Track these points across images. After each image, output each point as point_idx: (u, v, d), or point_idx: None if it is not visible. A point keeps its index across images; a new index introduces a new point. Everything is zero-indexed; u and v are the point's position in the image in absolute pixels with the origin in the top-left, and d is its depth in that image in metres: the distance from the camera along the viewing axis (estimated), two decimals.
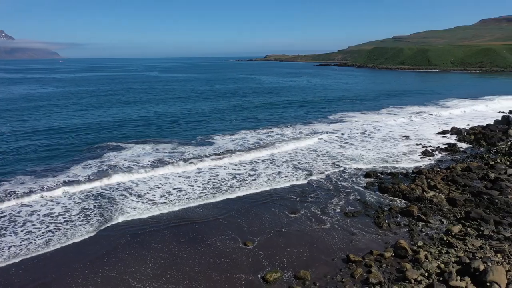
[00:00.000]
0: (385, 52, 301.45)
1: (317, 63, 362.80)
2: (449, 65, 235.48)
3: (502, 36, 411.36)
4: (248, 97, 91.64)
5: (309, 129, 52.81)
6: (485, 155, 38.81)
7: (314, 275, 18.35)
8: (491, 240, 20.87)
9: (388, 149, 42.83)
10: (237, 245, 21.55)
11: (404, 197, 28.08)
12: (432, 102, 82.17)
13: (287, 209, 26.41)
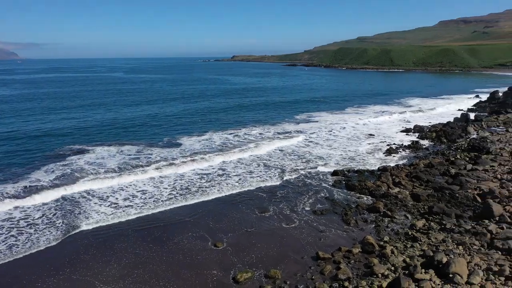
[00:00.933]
0: (350, 53, 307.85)
1: (284, 63, 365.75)
2: (411, 65, 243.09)
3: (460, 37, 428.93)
4: (216, 98, 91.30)
5: (277, 129, 53.18)
6: (446, 152, 40.30)
7: (285, 273, 18.48)
8: (453, 233, 21.67)
9: (354, 147, 43.73)
10: (207, 246, 21.40)
11: (371, 194, 28.74)
12: (395, 101, 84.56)
13: (257, 209, 26.48)
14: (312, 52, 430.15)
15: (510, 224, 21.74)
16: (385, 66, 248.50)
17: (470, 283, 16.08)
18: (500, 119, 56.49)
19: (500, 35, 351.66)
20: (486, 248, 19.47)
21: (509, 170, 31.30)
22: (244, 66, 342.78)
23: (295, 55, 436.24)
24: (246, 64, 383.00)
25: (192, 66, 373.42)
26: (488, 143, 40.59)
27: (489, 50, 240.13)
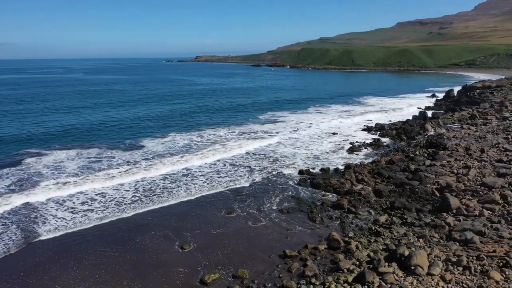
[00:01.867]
0: (313, 53, 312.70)
1: (248, 64, 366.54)
2: (372, 65, 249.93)
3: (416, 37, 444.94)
4: (179, 99, 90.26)
5: (242, 130, 53.25)
6: (406, 148, 41.69)
7: (252, 273, 18.52)
8: (413, 227, 22.44)
9: (318, 146, 44.44)
10: (173, 248, 21.11)
11: (335, 191, 29.29)
12: (356, 101, 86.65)
13: (224, 210, 26.37)
14: (275, 52, 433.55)
15: (466, 216, 22.75)
16: (346, 66, 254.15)
17: (431, 274, 16.70)
18: (455, 117, 58.99)
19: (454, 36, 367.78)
20: (444, 240, 20.28)
21: (464, 165, 32.75)
22: (208, 66, 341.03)
23: (258, 55, 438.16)
24: (210, 65, 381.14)
25: (155, 66, 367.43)
26: (444, 139, 42.30)
27: (443, 50, 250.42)
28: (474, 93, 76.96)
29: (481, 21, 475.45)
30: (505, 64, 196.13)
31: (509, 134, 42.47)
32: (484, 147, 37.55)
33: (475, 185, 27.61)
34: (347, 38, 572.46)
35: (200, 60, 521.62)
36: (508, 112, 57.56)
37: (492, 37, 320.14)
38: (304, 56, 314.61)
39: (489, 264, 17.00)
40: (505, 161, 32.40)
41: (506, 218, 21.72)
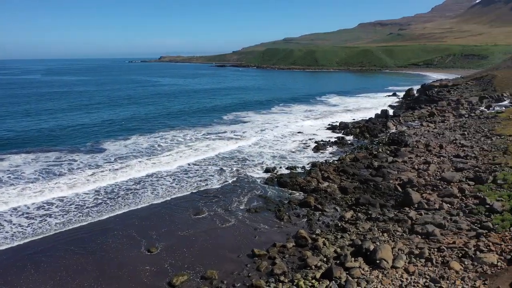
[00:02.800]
0: (277, 53, 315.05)
1: (213, 64, 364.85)
2: (335, 65, 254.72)
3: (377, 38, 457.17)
4: (143, 100, 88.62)
5: (208, 130, 52.97)
6: (369, 146, 42.79)
7: (222, 273, 18.43)
8: (378, 221, 23.05)
9: (284, 146, 44.84)
10: (139, 251, 20.70)
11: (302, 190, 29.64)
12: (321, 100, 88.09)
13: (191, 211, 26.12)
14: (240, 53, 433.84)
15: (427, 210, 23.60)
16: (310, 66, 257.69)
17: (395, 267, 17.21)
18: (415, 114, 61.10)
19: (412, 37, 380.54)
20: (407, 233, 20.95)
21: (424, 160, 33.95)
22: (172, 67, 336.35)
23: (223, 55, 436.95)
24: (174, 65, 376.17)
25: (117, 67, 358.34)
26: (405, 136, 43.69)
27: (403, 51, 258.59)
28: (432, 91, 79.94)
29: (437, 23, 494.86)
30: (460, 64, 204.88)
31: (465, 130, 44.39)
32: (442, 143, 39.08)
33: (435, 180, 28.69)
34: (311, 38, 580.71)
35: (164, 61, 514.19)
36: (464, 110, 60.17)
37: (448, 38, 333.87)
38: (269, 56, 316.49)
39: (449, 255, 17.71)
40: (462, 156, 33.85)
41: (464, 211, 22.70)
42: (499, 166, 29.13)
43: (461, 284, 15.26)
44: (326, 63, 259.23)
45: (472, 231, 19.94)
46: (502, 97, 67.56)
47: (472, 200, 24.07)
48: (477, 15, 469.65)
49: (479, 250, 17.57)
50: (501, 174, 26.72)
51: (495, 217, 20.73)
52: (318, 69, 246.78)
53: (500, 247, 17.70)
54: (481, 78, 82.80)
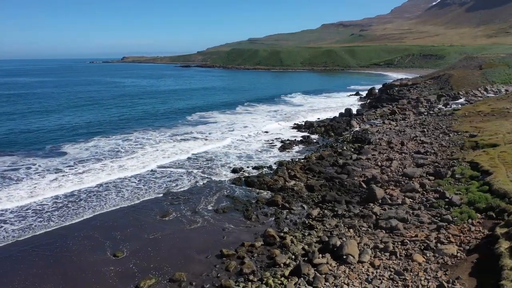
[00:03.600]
0: (242, 54, 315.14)
1: (177, 65, 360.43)
2: (299, 65, 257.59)
3: (340, 39, 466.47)
4: (105, 101, 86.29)
5: (173, 132, 52.32)
6: (334, 144, 43.58)
7: (190, 275, 18.24)
8: (344, 218, 23.51)
9: (250, 145, 44.93)
10: (105, 257, 20.14)
11: (269, 189, 29.79)
12: (286, 99, 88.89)
13: (158, 213, 25.70)
14: (205, 53, 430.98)
15: (391, 205, 24.28)
16: (275, 66, 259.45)
17: (361, 262, 17.61)
18: (377, 113, 62.76)
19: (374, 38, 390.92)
20: (372, 228, 21.49)
21: (387, 157, 34.93)
22: (136, 67, 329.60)
23: (188, 56, 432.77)
24: (138, 66, 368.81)
25: (78, 68, 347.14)
26: (369, 134, 44.81)
27: (365, 51, 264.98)
28: (393, 90, 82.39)
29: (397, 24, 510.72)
30: (419, 63, 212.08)
31: (425, 127, 46.01)
32: (404, 140, 40.33)
33: (397, 176, 29.57)
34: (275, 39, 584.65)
35: (127, 61, 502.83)
36: (423, 108, 62.38)
37: (407, 38, 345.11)
38: (234, 56, 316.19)
39: (412, 248, 18.30)
40: (422, 152, 35.08)
41: (425, 205, 23.52)
42: (456, 161, 30.37)
43: (423, 276, 15.79)
44: (291, 63, 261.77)
45: (433, 224, 20.69)
46: (458, 95, 70.56)
47: (433, 194, 24.97)
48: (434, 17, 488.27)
49: (440, 242, 18.25)
50: (458, 169, 27.87)
51: (454, 210, 21.60)
52: (283, 69, 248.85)
53: (460, 238, 18.46)
54: (439, 77, 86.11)
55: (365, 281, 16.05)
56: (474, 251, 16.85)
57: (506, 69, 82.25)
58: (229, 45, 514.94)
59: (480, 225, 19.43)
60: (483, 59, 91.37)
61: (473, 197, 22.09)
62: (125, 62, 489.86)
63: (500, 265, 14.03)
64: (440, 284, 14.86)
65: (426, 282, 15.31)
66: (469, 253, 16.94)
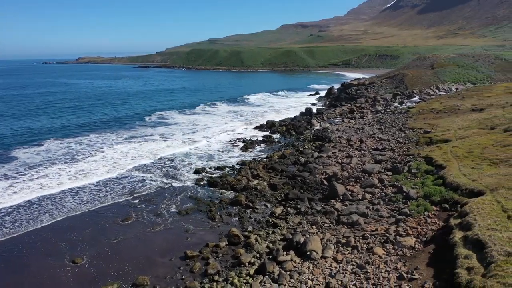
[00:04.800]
0: (203, 54, 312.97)
1: (136, 65, 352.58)
2: (260, 65, 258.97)
3: (299, 39, 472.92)
4: (60, 103, 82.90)
5: (132, 134, 51.18)
6: (295, 143, 44.14)
7: (153, 278, 17.88)
8: (307, 215, 23.85)
9: (212, 146, 44.66)
10: (63, 264, 19.37)
11: (232, 188, 29.74)
12: (248, 100, 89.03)
13: (120, 217, 25.01)
14: (164, 53, 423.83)
15: (351, 201, 24.88)
16: (236, 66, 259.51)
17: (325, 257, 17.93)
18: (337, 112, 64.13)
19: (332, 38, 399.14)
20: (334, 224, 21.94)
21: (347, 154, 35.78)
22: (92, 68, 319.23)
23: (147, 56, 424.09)
24: (95, 67, 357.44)
25: (30, 69, 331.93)
26: (329, 132, 45.74)
27: (323, 51, 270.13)
28: (351, 90, 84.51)
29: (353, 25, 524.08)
30: (375, 63, 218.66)
31: (382, 125, 47.52)
32: (362, 137, 41.46)
33: (357, 172, 30.35)
34: (236, 39, 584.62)
35: (83, 62, 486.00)
36: (380, 106, 64.41)
37: (363, 39, 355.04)
38: (194, 57, 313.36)
39: (373, 242, 18.84)
40: (380, 149, 36.20)
41: (384, 199, 24.28)
42: (412, 156, 31.57)
43: (384, 268, 16.29)
44: (252, 64, 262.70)
45: (392, 217, 21.40)
46: (412, 93, 73.40)
47: (391, 189, 25.81)
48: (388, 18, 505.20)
49: (399, 235, 18.89)
50: (414, 164, 28.97)
51: (411, 203, 22.43)
52: (244, 69, 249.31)
53: (417, 230, 19.19)
54: (394, 76, 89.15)
55: (328, 276, 16.36)
56: (431, 242, 17.57)
57: (456, 69, 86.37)
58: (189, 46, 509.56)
59: (435, 217, 20.28)
60: (434, 59, 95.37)
61: (428, 191, 23.02)
62: (81, 63, 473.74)
63: (455, 254, 14.69)
64: (400, 275, 15.39)
65: (387, 274, 15.80)
66: (426, 244, 17.64)
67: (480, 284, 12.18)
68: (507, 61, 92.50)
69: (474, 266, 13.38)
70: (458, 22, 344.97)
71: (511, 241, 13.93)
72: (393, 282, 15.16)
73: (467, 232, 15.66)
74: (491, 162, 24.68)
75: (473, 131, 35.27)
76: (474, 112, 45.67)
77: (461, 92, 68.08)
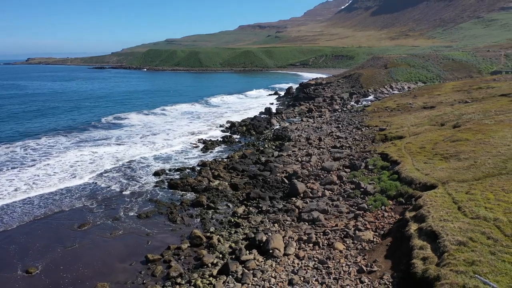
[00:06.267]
0: (160, 54, 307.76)
1: (91, 66, 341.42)
2: (218, 66, 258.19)
3: (257, 40, 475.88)
4: (10, 106, 78.72)
5: (86, 137, 49.46)
6: (256, 143, 44.35)
7: (114, 285, 17.38)
8: (268, 213, 24.02)
9: (171, 147, 43.97)
10: (16, 275, 18.41)
11: (193, 190, 29.43)
12: (207, 100, 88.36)
13: (76, 224, 24.09)
14: (120, 54, 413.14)
15: (312, 198, 25.30)
16: (194, 67, 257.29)
17: (287, 254, 18.12)
18: (296, 111, 65.07)
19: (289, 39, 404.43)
20: (296, 221, 22.23)
21: (306, 153, 36.35)
22: (44, 69, 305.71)
23: (102, 57, 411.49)
24: (46, 68, 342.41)
25: None
26: (288, 132, 46.29)
27: (281, 52, 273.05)
28: (309, 89, 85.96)
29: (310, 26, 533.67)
30: (332, 63, 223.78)
31: (339, 123, 48.68)
32: (321, 136, 42.29)
33: (317, 170, 30.91)
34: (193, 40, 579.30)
35: (33, 63, 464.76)
36: (337, 105, 65.93)
37: (320, 40, 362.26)
38: (151, 57, 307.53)
39: (333, 237, 19.24)
40: (338, 146, 37.06)
41: (343, 195, 24.88)
42: (369, 153, 32.54)
43: (345, 262, 16.68)
44: (210, 64, 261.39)
45: (351, 213, 21.96)
46: (368, 92, 75.71)
47: (349, 185, 26.47)
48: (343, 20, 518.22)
49: (358, 230, 19.41)
50: (371, 160, 29.88)
51: (369, 198, 23.12)
52: (202, 70, 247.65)
53: (375, 224, 19.80)
54: (350, 76, 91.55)
55: (291, 273, 16.54)
56: (388, 235, 18.18)
57: (408, 68, 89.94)
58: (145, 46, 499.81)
59: (392, 211, 21.02)
60: (387, 59, 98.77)
61: (384, 186, 23.81)
62: (31, 64, 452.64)
63: (410, 245, 15.28)
64: (359, 269, 15.82)
65: (347, 267, 16.19)
66: (384, 237, 18.24)
67: (434, 272, 12.73)
68: (454, 61, 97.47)
69: (429, 256, 13.97)
70: (409, 24, 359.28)
71: (462, 230, 14.66)
72: (353, 275, 15.55)
73: (421, 224, 16.33)
74: (442, 157, 25.87)
75: (425, 128, 36.84)
76: (425, 110, 47.71)
77: (413, 90, 70.95)
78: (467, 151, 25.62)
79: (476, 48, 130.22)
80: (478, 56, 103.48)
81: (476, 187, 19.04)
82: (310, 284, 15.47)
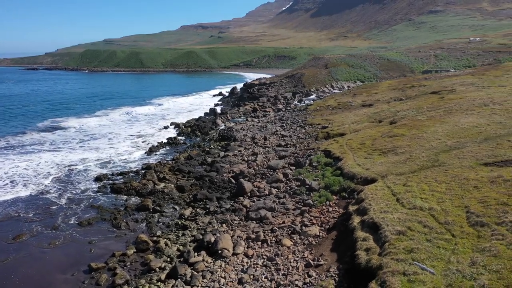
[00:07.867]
0: (99, 55, 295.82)
1: (22, 68, 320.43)
2: (161, 67, 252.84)
3: (200, 40, 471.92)
4: None
5: (18, 142, 46.40)
6: (201, 144, 43.96)
7: None
8: (216, 214, 23.91)
9: (113, 150, 42.48)
10: None
11: (138, 194, 28.60)
12: (150, 102, 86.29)
13: (10, 235, 22.49)
14: (55, 54, 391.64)
15: (259, 197, 25.52)
16: (136, 68, 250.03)
17: (236, 254, 18.14)
18: (240, 111, 65.31)
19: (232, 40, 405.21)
20: (244, 220, 22.32)
21: (252, 152, 36.60)
22: None
23: (34, 58, 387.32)
24: None
25: None
26: (234, 132, 46.35)
27: (225, 52, 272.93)
28: (253, 89, 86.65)
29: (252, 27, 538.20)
30: (274, 64, 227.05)
31: (284, 122, 49.51)
32: (266, 135, 42.77)
33: (263, 169, 31.21)
34: (134, 40, 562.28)
35: None
36: (281, 104, 67.02)
37: (262, 40, 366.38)
38: (89, 58, 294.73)
39: (281, 234, 19.54)
40: (283, 145, 37.69)
41: (290, 193, 25.32)
42: (313, 150, 33.38)
43: (293, 258, 17.00)
44: (152, 65, 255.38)
45: (297, 209, 22.40)
46: (310, 92, 77.68)
47: (295, 182, 26.99)
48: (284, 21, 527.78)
49: (304, 225, 19.85)
50: (315, 158, 30.66)
51: (314, 194, 23.72)
52: (144, 71, 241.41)
53: (320, 219, 20.35)
54: (292, 76, 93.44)
55: (240, 272, 16.58)
56: (333, 229, 18.77)
57: (347, 68, 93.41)
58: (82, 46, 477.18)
59: (336, 205, 21.72)
60: (328, 59, 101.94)
61: (328, 181, 24.55)
62: None
63: (354, 237, 15.88)
64: (307, 263, 16.19)
65: (295, 263, 16.51)
66: (329, 231, 18.80)
67: (377, 262, 13.33)
68: (389, 61, 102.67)
69: (371, 247, 14.60)
70: (347, 26, 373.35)
71: (400, 221, 15.46)
72: (301, 270, 15.89)
73: (363, 217, 17.03)
74: (381, 152, 27.15)
75: (364, 125, 38.46)
76: (364, 108, 49.83)
77: (352, 89, 73.78)
78: (403, 145, 27.09)
79: (408, 48, 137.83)
80: (411, 56, 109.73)
81: (412, 179, 20.17)
82: (260, 281, 15.60)
